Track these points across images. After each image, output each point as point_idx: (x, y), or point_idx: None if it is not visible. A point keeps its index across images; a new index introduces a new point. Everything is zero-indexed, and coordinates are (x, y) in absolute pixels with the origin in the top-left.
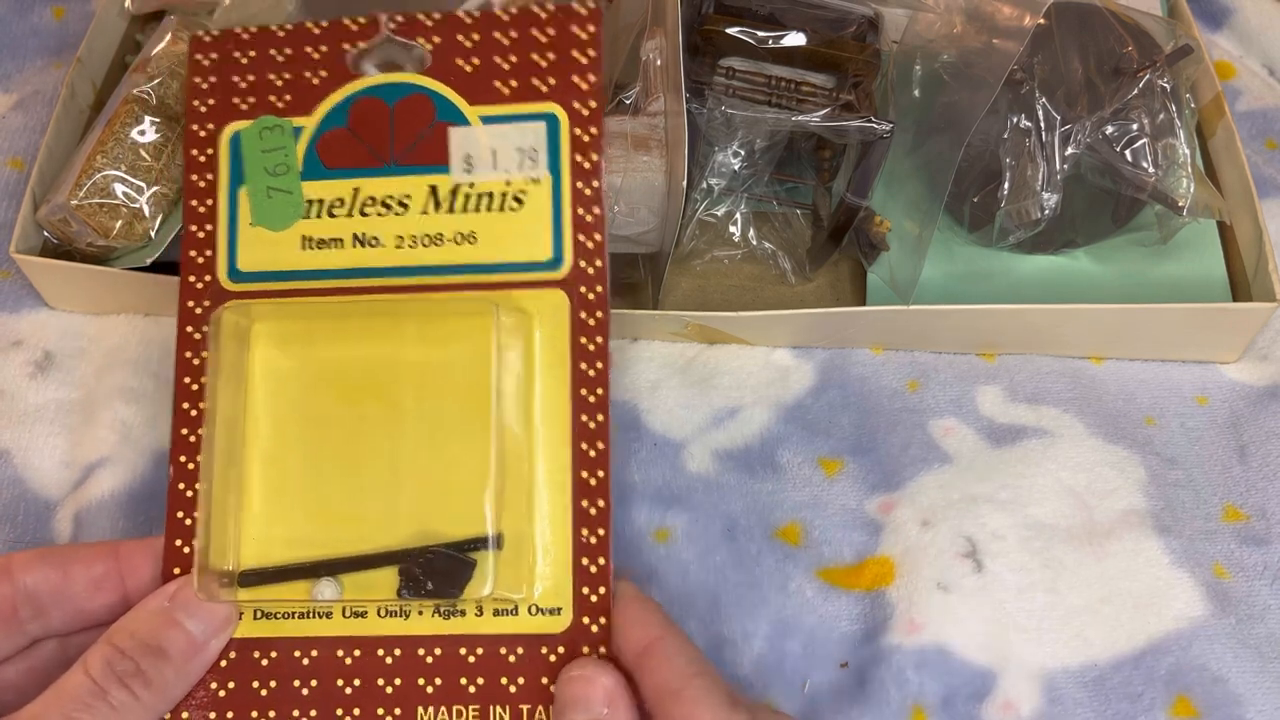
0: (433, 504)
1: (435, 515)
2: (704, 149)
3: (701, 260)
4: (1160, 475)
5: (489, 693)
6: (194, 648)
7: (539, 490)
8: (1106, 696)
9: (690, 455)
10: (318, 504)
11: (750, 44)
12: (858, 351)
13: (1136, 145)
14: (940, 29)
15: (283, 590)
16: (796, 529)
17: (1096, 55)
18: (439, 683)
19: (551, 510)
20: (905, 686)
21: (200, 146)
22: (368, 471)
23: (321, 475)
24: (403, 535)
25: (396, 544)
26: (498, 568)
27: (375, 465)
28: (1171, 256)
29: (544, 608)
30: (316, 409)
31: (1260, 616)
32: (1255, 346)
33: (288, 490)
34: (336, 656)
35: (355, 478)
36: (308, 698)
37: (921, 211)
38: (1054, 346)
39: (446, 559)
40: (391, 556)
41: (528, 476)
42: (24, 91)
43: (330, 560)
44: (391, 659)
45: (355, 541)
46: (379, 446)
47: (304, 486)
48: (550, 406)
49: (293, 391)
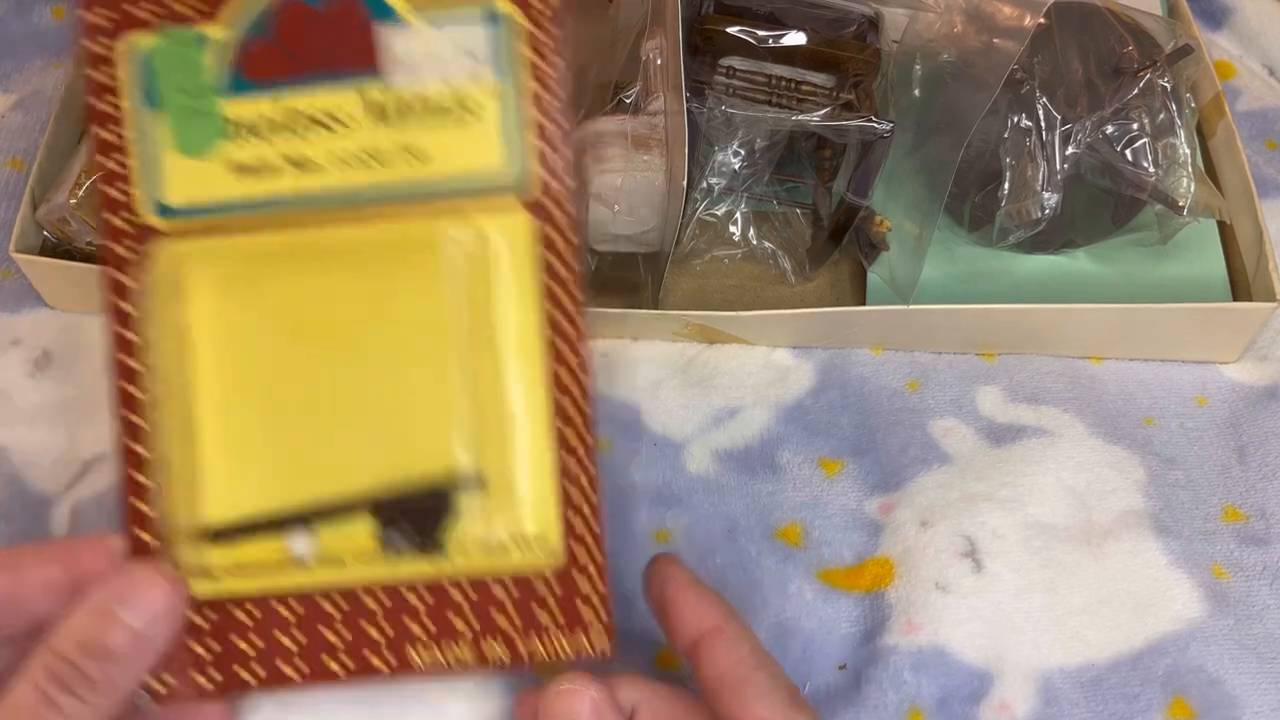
0: (401, 443)
1: (404, 455)
2: (704, 149)
3: (701, 260)
4: (1159, 475)
5: (483, 626)
6: (139, 641)
7: (517, 424)
8: (1103, 697)
9: (690, 455)
10: (281, 452)
11: (750, 43)
12: (858, 351)
13: (1136, 145)
14: (940, 29)
15: (255, 546)
16: (796, 530)
17: (1097, 55)
18: (429, 623)
19: (532, 443)
20: (902, 688)
21: (98, 65)
22: (329, 413)
23: (281, 421)
24: (373, 477)
25: (368, 487)
26: (479, 504)
27: (336, 406)
28: (1171, 256)
29: (531, 540)
30: (267, 353)
31: (1259, 617)
32: (1255, 347)
33: (247, 441)
34: (321, 607)
35: (317, 421)
36: (295, 651)
37: (921, 211)
38: (1054, 346)
39: (423, 500)
40: (364, 502)
41: (502, 410)
42: (24, 91)
43: (300, 509)
44: (378, 605)
45: (324, 487)
46: (337, 387)
47: (264, 435)
48: (520, 334)
49: (239, 337)
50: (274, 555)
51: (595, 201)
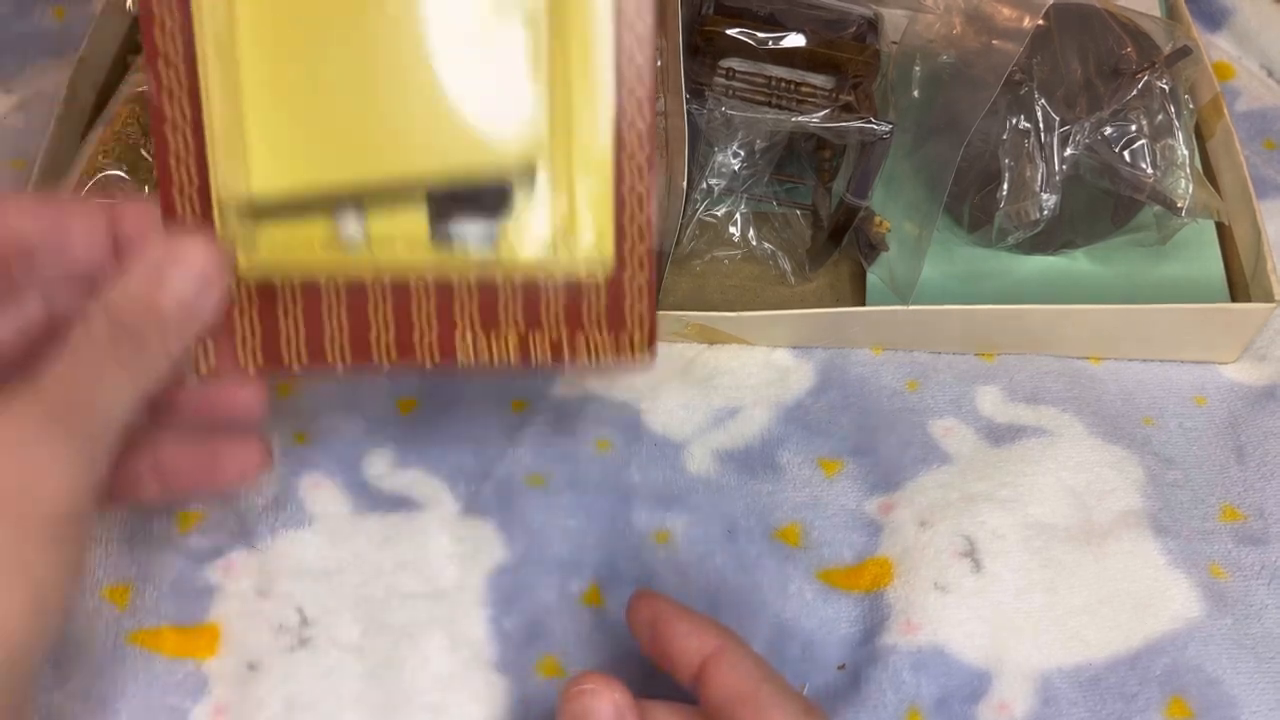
0: (461, 130)
1: (463, 143)
2: (704, 149)
3: (701, 260)
4: (1158, 475)
5: (528, 321)
6: (186, 308)
7: (581, 126)
8: (1101, 697)
9: (690, 456)
10: (333, 127)
11: (750, 45)
12: (858, 351)
13: (1135, 146)
14: (940, 30)
15: (303, 223)
16: (796, 530)
17: (1095, 56)
18: (476, 316)
19: (594, 152)
20: (901, 688)
21: None
22: (387, 91)
23: (335, 96)
24: (429, 164)
25: (423, 173)
26: (536, 202)
27: (394, 84)
28: (1170, 257)
29: (584, 248)
30: (322, 20)
31: (1257, 616)
32: (1253, 347)
33: (297, 112)
34: (368, 291)
35: (373, 98)
36: (339, 334)
37: (921, 212)
38: (1053, 346)
39: (481, 192)
40: (418, 185)
41: (569, 111)
42: (26, 92)
43: (352, 188)
44: (426, 293)
45: (378, 167)
46: (397, 64)
47: (315, 108)
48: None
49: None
50: (322, 234)
51: None
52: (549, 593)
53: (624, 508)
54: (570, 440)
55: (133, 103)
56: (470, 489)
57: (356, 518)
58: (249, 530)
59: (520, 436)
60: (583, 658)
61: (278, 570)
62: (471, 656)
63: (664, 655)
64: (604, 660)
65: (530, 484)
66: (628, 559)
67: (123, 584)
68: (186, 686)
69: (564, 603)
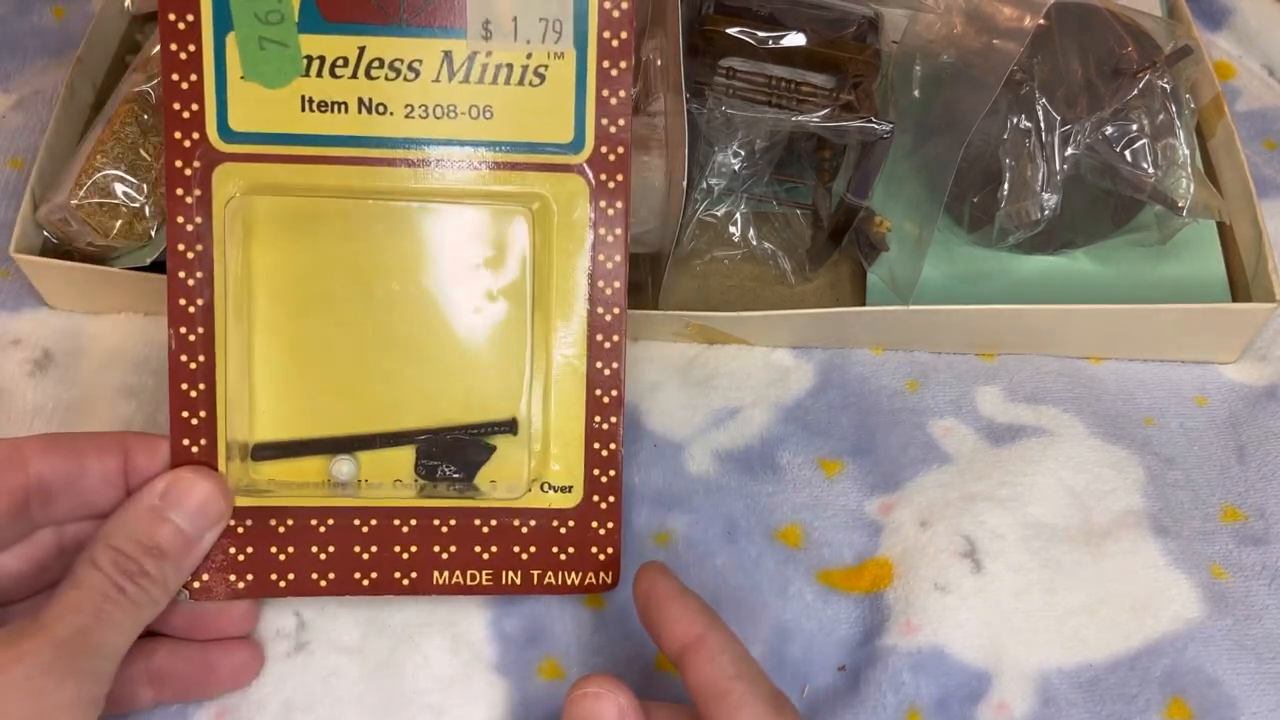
0: (447, 387)
1: (449, 398)
2: (704, 149)
3: (701, 260)
4: (1159, 475)
5: (501, 559)
6: (187, 543)
7: (554, 377)
8: (1101, 698)
9: (691, 456)
10: (331, 382)
11: (750, 44)
12: (858, 351)
13: (1136, 146)
14: (940, 29)
15: (299, 465)
16: (796, 531)
17: (1096, 56)
18: (453, 549)
19: (566, 396)
20: (901, 689)
21: None
22: (381, 351)
23: (334, 353)
24: (419, 416)
25: (412, 425)
26: (514, 449)
27: (389, 345)
28: (1171, 257)
29: (556, 485)
30: (325, 287)
31: (1258, 617)
32: (1254, 347)
33: (299, 366)
34: (353, 524)
35: (369, 357)
36: (325, 562)
37: (921, 212)
38: (1053, 346)
39: (465, 442)
40: (409, 436)
41: (545, 363)
42: (24, 91)
43: (347, 437)
44: (408, 528)
45: (370, 421)
46: (393, 326)
47: (316, 363)
48: (565, 296)
49: (299, 268)
50: (316, 476)
51: None
52: None
53: (624, 509)
54: None
55: (131, 102)
56: None
57: None
58: None
59: None
60: (583, 660)
61: None
62: (472, 658)
63: (652, 632)
64: (605, 662)
65: None
66: (628, 560)
67: None
68: None
69: (564, 604)
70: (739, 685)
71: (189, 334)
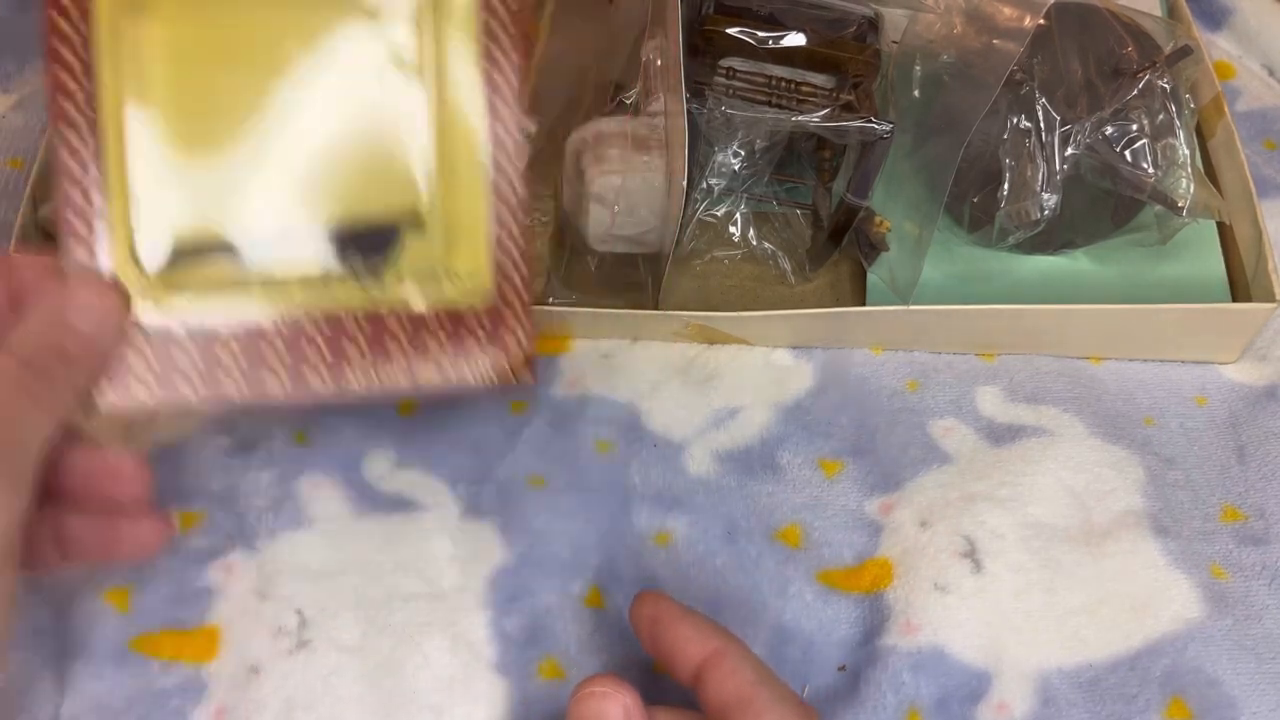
0: (351, 178)
1: (354, 190)
2: (704, 149)
3: (701, 260)
4: (1159, 475)
5: (415, 355)
6: (88, 344)
7: (457, 168)
8: (1101, 698)
9: (691, 456)
10: (227, 178)
11: (750, 44)
12: (858, 351)
13: (1136, 146)
14: (940, 29)
15: (198, 266)
16: (796, 531)
17: (1096, 56)
18: (365, 347)
19: (469, 187)
20: (901, 689)
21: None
22: (277, 147)
23: (228, 152)
24: (320, 211)
25: (314, 220)
26: (419, 240)
27: (287, 136)
28: (1171, 257)
29: (464, 275)
30: (220, 80)
31: (1258, 617)
32: (1254, 347)
33: (191, 166)
34: (261, 326)
35: (264, 153)
36: (234, 367)
37: (921, 212)
38: (1053, 346)
39: (370, 232)
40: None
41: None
42: (24, 91)
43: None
44: (316, 329)
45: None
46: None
47: (209, 161)
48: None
49: (187, 65)
50: (220, 275)
51: (595, 202)
52: (549, 594)
53: (624, 509)
54: (570, 441)
55: None
56: (470, 490)
57: (356, 519)
58: (248, 532)
59: (520, 437)
60: (583, 659)
61: (277, 572)
62: (472, 658)
63: (664, 656)
64: (605, 662)
65: (531, 485)
66: (628, 560)
67: (123, 586)
68: (186, 689)
69: (565, 604)
70: (764, 691)
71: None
